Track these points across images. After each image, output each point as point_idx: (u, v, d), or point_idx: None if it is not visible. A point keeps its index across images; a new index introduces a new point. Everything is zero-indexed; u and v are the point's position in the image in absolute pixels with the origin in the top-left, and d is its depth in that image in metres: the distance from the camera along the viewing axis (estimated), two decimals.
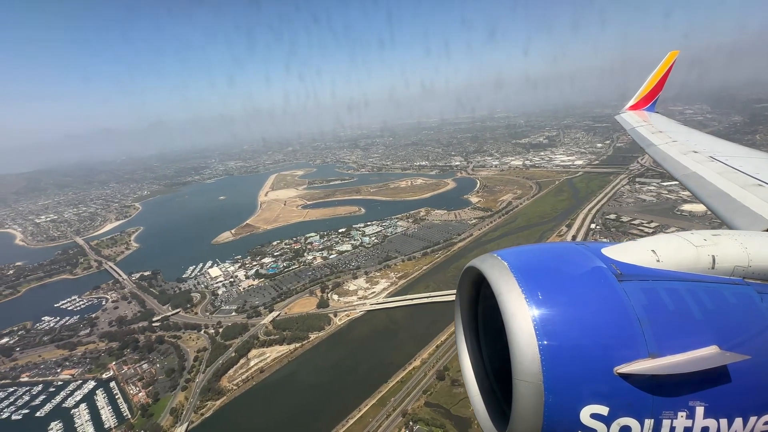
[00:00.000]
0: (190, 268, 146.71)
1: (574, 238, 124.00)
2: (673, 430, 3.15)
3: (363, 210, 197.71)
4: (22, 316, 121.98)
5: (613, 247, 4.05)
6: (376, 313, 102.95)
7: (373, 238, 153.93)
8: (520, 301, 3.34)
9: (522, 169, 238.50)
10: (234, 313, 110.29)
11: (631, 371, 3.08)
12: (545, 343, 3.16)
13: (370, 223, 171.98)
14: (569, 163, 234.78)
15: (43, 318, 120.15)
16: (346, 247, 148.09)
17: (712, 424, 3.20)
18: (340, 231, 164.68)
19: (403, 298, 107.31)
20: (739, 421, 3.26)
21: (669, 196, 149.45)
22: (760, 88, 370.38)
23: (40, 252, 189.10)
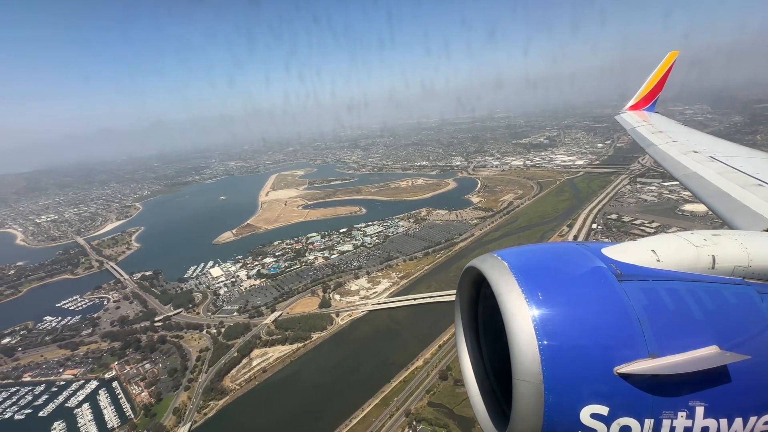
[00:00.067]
0: (192, 268, 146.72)
1: (575, 238, 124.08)
2: (673, 430, 3.16)
3: (364, 210, 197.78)
4: (23, 315, 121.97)
5: (613, 247, 4.06)
6: (378, 313, 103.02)
7: (374, 238, 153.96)
8: (520, 301, 3.35)
9: (523, 169, 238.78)
10: (236, 313, 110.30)
11: (631, 371, 3.08)
12: (545, 343, 3.16)
13: (371, 223, 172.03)
14: (570, 163, 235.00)
15: (44, 318, 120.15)
16: (348, 247, 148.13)
17: (712, 424, 3.21)
18: (342, 231, 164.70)
19: (405, 298, 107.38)
20: (739, 421, 3.27)
21: (670, 196, 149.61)
22: (760, 89, 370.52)
23: (41, 252, 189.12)
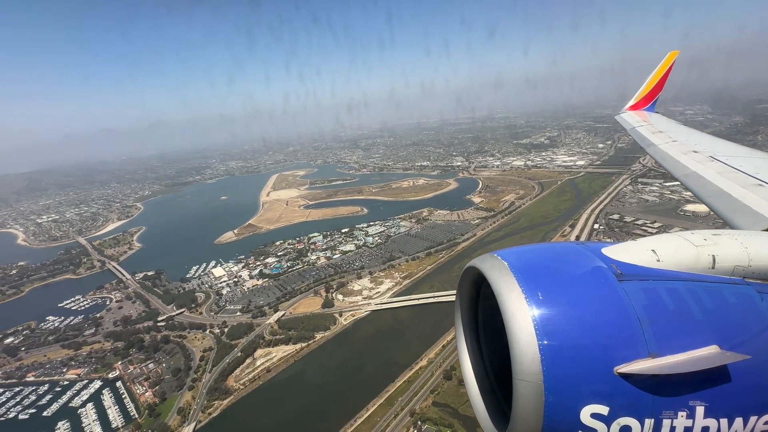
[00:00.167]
0: (194, 268, 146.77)
1: (577, 238, 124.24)
2: (673, 429, 3.16)
3: (365, 210, 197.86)
4: (26, 315, 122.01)
5: (614, 247, 4.06)
6: (381, 313, 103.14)
7: (376, 238, 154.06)
8: (520, 301, 3.35)
9: (524, 170, 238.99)
10: (239, 313, 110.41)
11: (632, 371, 3.09)
12: (545, 342, 3.16)
13: (372, 223, 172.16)
14: (571, 163, 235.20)
15: (47, 318, 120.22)
16: (350, 247, 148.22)
17: (712, 423, 3.22)
18: (343, 231, 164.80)
19: (408, 298, 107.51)
20: (739, 421, 3.27)
21: (672, 196, 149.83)
22: (760, 89, 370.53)
23: (43, 252, 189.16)
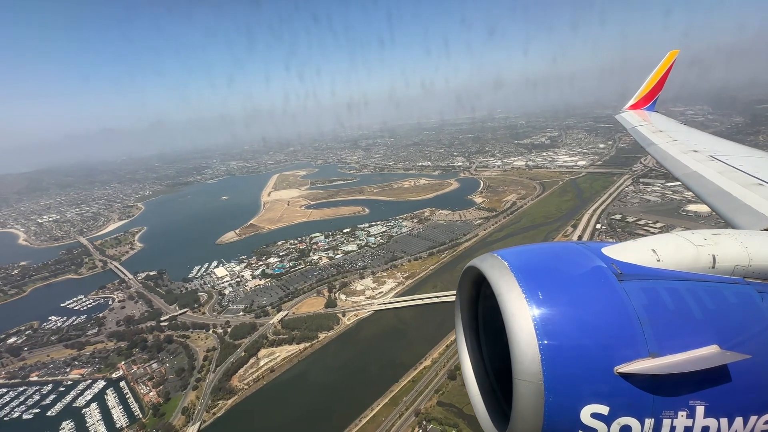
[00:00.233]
0: (196, 267, 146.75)
1: (580, 238, 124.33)
2: (673, 429, 3.16)
3: (367, 210, 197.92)
4: (28, 315, 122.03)
5: (614, 247, 4.05)
6: (384, 313, 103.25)
7: (378, 238, 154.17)
8: (521, 300, 3.35)
9: (525, 170, 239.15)
10: (242, 313, 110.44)
11: (632, 371, 3.09)
12: (545, 342, 3.16)
13: (374, 223, 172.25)
14: (572, 163, 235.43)
15: (49, 318, 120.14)
16: (352, 247, 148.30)
17: (712, 423, 3.22)
18: (345, 231, 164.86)
19: (411, 298, 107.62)
20: (739, 421, 3.27)
21: (673, 196, 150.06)
22: (760, 89, 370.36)
23: (44, 252, 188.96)
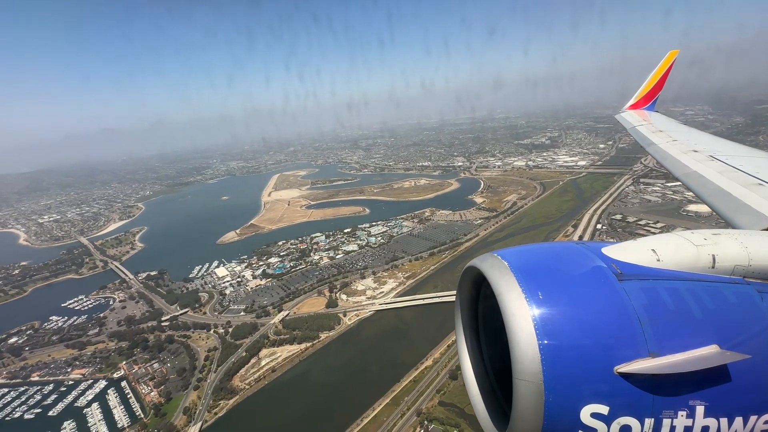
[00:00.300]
0: (197, 268, 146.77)
1: (580, 238, 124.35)
2: (673, 429, 3.17)
3: (367, 210, 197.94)
4: (29, 315, 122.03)
5: (614, 247, 4.06)
6: (385, 313, 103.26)
7: (379, 238, 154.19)
8: (521, 300, 3.35)
9: (525, 170, 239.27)
10: (243, 313, 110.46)
11: (632, 371, 3.09)
12: (545, 342, 3.16)
13: (375, 223, 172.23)
14: (572, 163, 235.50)
15: (50, 317, 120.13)
16: (353, 247, 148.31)
17: (712, 423, 3.22)
18: (346, 231, 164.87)
19: (412, 298, 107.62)
20: (739, 420, 3.27)
21: (674, 196, 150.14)
22: (760, 89, 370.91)
23: (45, 252, 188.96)
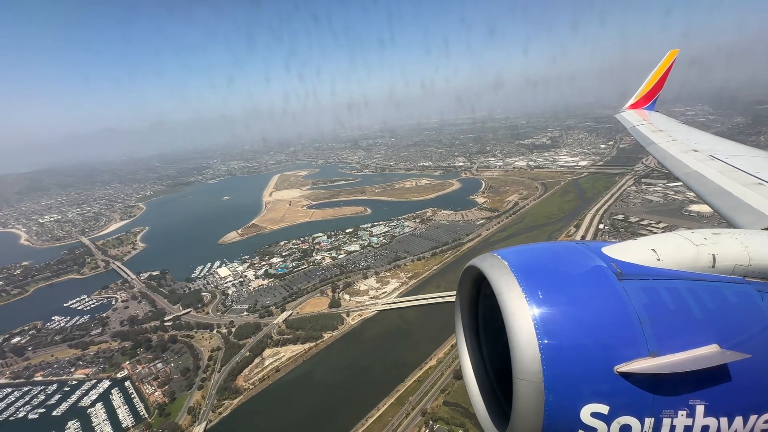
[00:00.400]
0: (198, 268, 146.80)
1: (583, 238, 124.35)
2: (673, 428, 3.17)
3: (369, 210, 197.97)
4: (32, 315, 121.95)
5: (614, 246, 4.06)
6: (388, 313, 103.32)
7: (381, 238, 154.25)
8: (521, 300, 3.35)
9: (526, 170, 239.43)
10: (245, 313, 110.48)
11: (632, 370, 3.09)
12: (545, 342, 3.17)
13: (377, 223, 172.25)
14: (573, 164, 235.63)
15: (53, 317, 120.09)
16: (355, 247, 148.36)
17: (712, 422, 3.22)
18: (347, 231, 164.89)
19: (415, 297, 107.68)
20: (739, 420, 3.27)
21: (676, 196, 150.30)
22: (760, 89, 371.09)
23: (46, 252, 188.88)
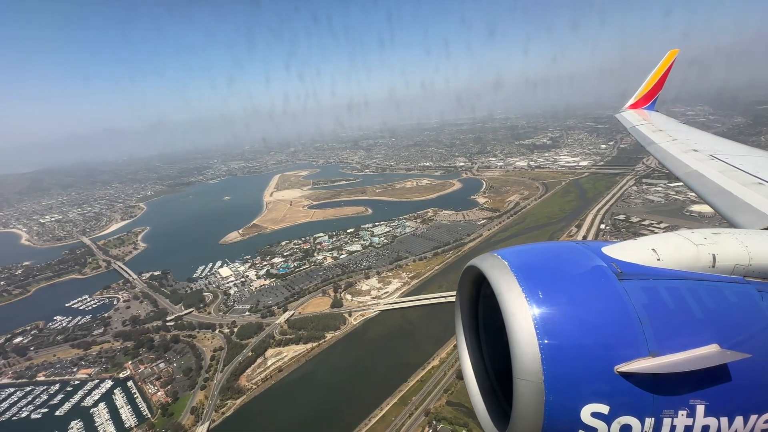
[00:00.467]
0: (200, 267, 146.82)
1: (584, 238, 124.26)
2: (673, 428, 3.16)
3: (370, 210, 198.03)
4: (33, 315, 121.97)
5: (614, 246, 4.06)
6: (390, 313, 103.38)
7: (382, 239, 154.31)
8: (521, 300, 3.35)
9: (527, 170, 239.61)
10: (247, 313, 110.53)
11: (632, 370, 3.09)
12: (546, 342, 3.17)
13: (378, 223, 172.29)
14: (574, 164, 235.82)
15: (55, 317, 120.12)
16: (356, 247, 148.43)
17: (712, 422, 3.22)
18: (349, 231, 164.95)
19: (417, 297, 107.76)
20: (739, 420, 3.27)
21: (677, 197, 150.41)
22: (760, 90, 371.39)
23: (47, 252, 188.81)
